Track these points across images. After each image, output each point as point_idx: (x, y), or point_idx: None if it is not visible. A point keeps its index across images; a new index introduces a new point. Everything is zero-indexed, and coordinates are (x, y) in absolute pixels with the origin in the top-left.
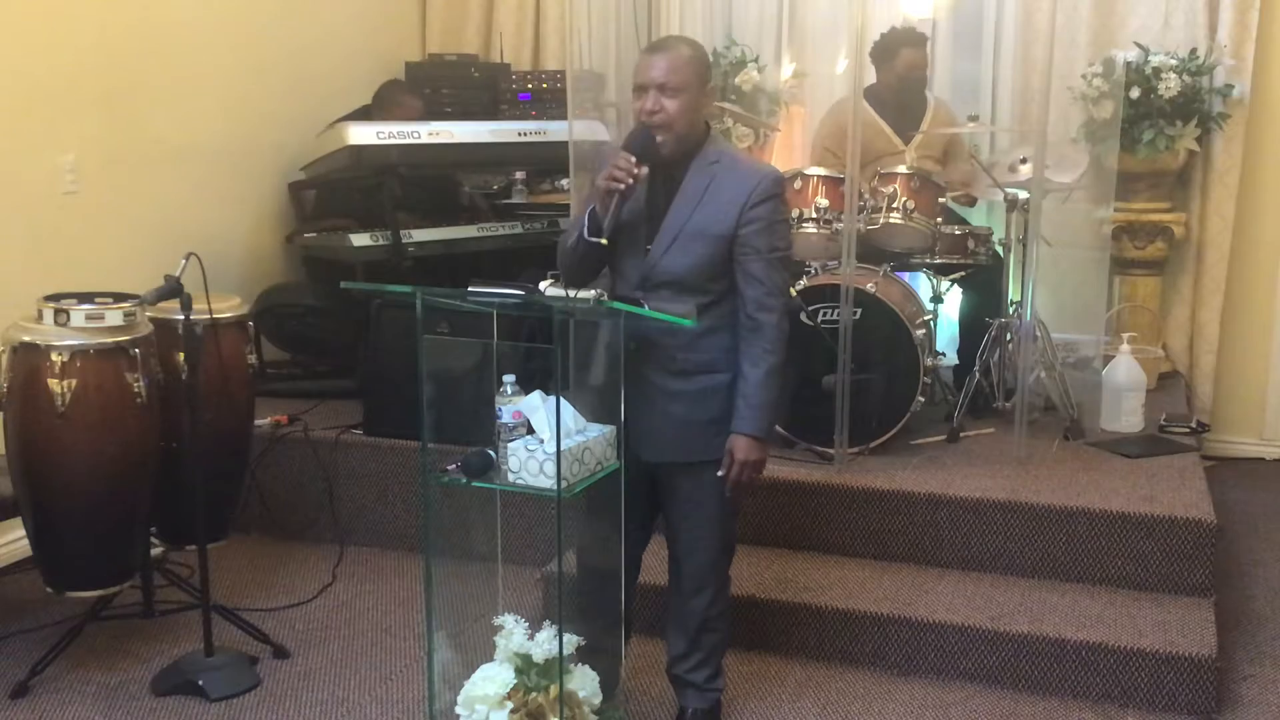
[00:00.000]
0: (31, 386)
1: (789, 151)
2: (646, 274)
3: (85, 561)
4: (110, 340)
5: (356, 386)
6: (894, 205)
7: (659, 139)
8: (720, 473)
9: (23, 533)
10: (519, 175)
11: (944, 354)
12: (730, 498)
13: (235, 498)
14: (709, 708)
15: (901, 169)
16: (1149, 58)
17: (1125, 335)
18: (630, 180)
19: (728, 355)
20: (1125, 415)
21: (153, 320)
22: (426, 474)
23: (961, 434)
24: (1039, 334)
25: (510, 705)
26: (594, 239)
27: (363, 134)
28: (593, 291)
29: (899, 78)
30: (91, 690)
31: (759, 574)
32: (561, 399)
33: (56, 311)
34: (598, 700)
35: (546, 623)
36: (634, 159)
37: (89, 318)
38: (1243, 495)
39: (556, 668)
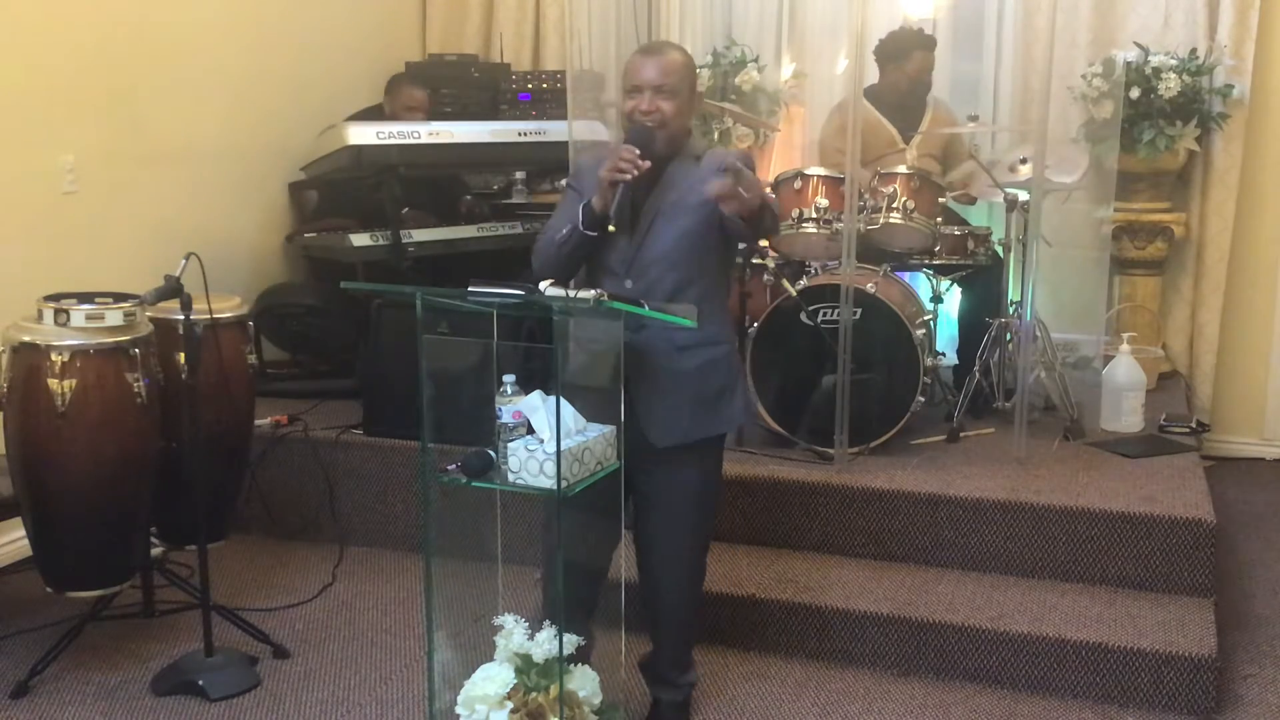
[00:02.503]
0: (31, 386)
1: (789, 151)
2: (632, 257)
3: (85, 561)
4: (110, 340)
5: (356, 386)
6: (894, 205)
7: (656, 136)
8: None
9: (23, 533)
10: (519, 175)
11: (944, 354)
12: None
13: (235, 498)
14: (683, 700)
15: (901, 169)
16: (1149, 58)
17: (1125, 335)
18: (635, 171)
19: (722, 327)
20: (1125, 415)
21: (153, 320)
22: (426, 474)
23: (961, 434)
24: (1039, 334)
25: (510, 705)
26: (591, 231)
27: (363, 134)
28: (592, 291)
29: (910, 79)
30: (91, 690)
31: (759, 574)
32: (561, 399)
33: (56, 311)
34: (598, 700)
35: (546, 623)
36: (638, 151)
37: (89, 318)
38: (1243, 495)
39: (556, 668)
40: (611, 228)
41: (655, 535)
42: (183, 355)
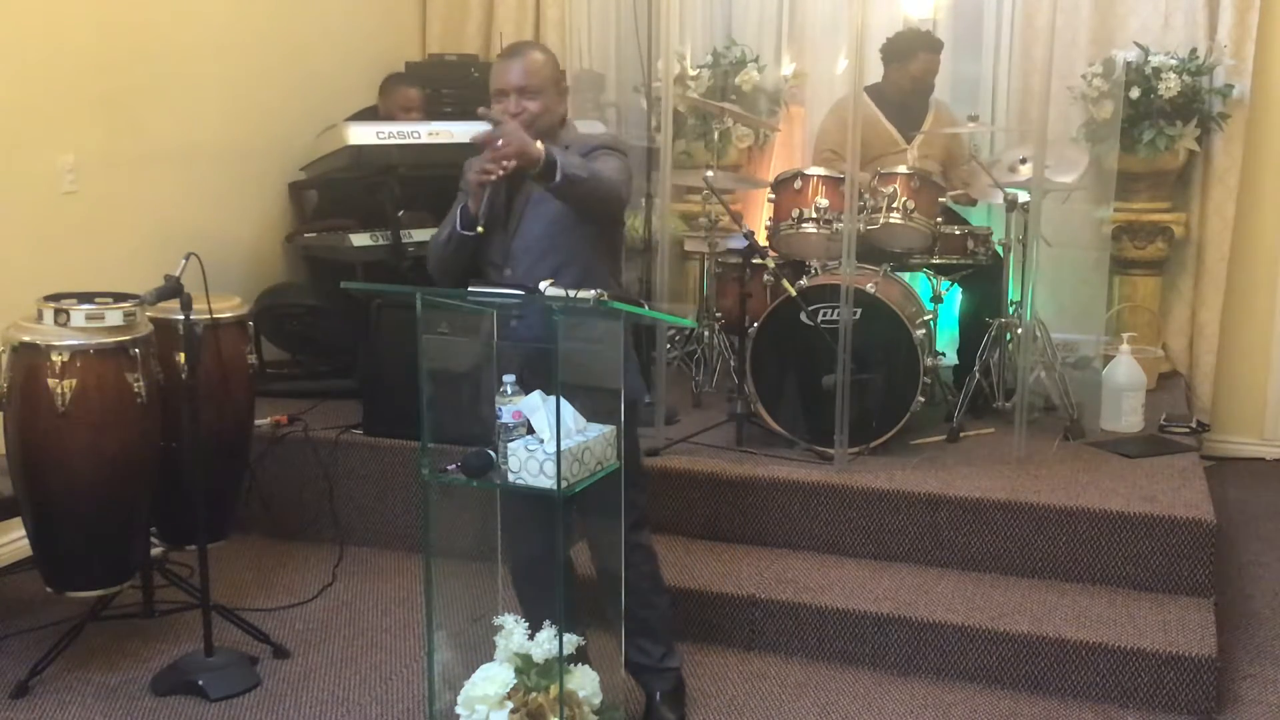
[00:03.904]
0: (31, 386)
1: (789, 151)
2: (508, 246)
3: (85, 561)
4: (110, 340)
5: (356, 386)
6: (894, 205)
7: None
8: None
9: (23, 533)
10: None
11: (944, 354)
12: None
13: (235, 498)
14: (673, 688)
15: (902, 169)
16: (1149, 58)
17: (1125, 335)
18: (501, 172)
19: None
20: (1125, 415)
21: (153, 320)
22: (427, 474)
23: (961, 434)
24: (1039, 334)
25: (510, 705)
26: (467, 231)
27: (362, 134)
28: (593, 291)
29: (913, 79)
30: (91, 690)
31: (759, 574)
32: (561, 399)
33: (56, 311)
34: (598, 700)
35: (546, 623)
36: None
37: (89, 318)
38: (1243, 495)
39: (556, 668)
40: (480, 228)
41: (586, 518)
42: (183, 355)
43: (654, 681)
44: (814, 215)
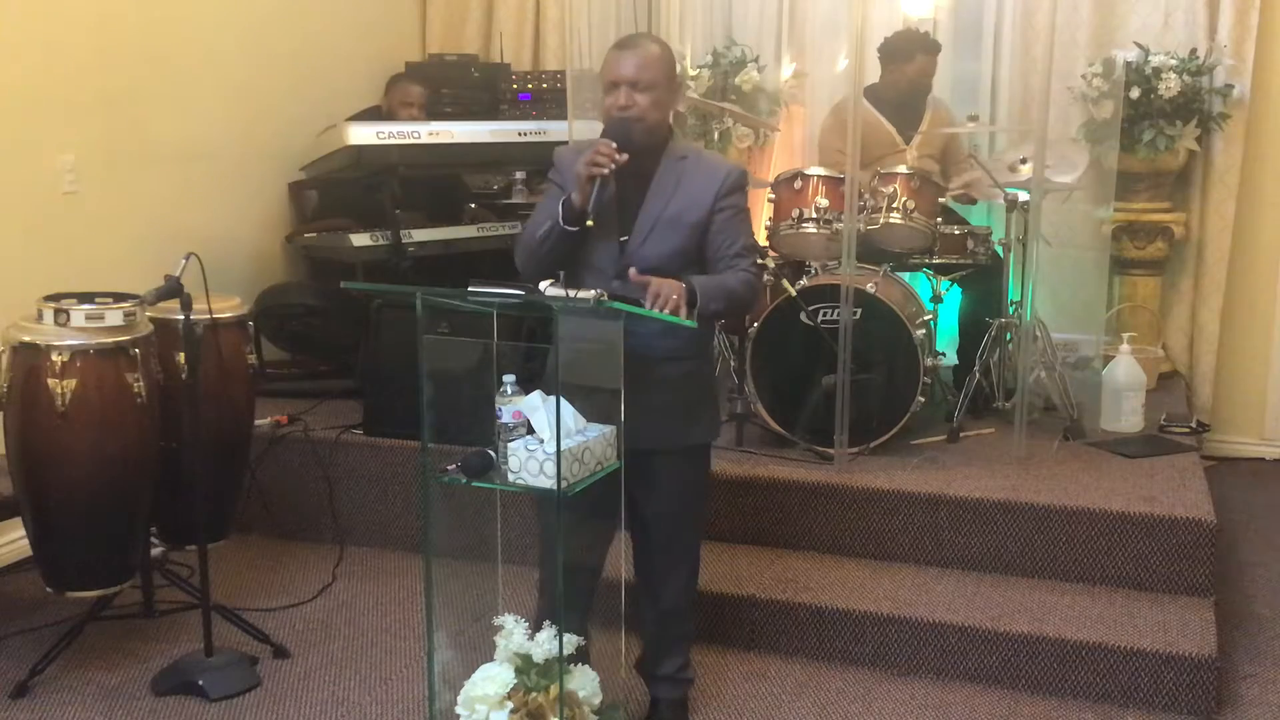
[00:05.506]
0: (31, 386)
1: (789, 151)
2: (624, 260)
3: (85, 561)
4: (110, 340)
5: (356, 386)
6: (894, 205)
7: (634, 130)
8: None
9: (23, 533)
10: (519, 175)
11: (944, 354)
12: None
13: (235, 498)
14: (680, 697)
15: (902, 169)
16: (1149, 58)
17: (1125, 335)
18: (613, 165)
19: (698, 341)
20: (1125, 415)
21: (153, 320)
22: (426, 474)
23: (961, 434)
24: (1039, 334)
25: (510, 705)
26: (571, 226)
27: (362, 134)
28: (593, 291)
29: (909, 81)
30: (91, 690)
31: (759, 574)
32: (561, 399)
33: (56, 311)
34: (598, 700)
35: (546, 623)
36: (614, 145)
37: (89, 318)
38: (1243, 495)
39: (556, 668)
40: (590, 223)
41: (648, 535)
42: (183, 355)
43: (665, 689)
44: (814, 215)
